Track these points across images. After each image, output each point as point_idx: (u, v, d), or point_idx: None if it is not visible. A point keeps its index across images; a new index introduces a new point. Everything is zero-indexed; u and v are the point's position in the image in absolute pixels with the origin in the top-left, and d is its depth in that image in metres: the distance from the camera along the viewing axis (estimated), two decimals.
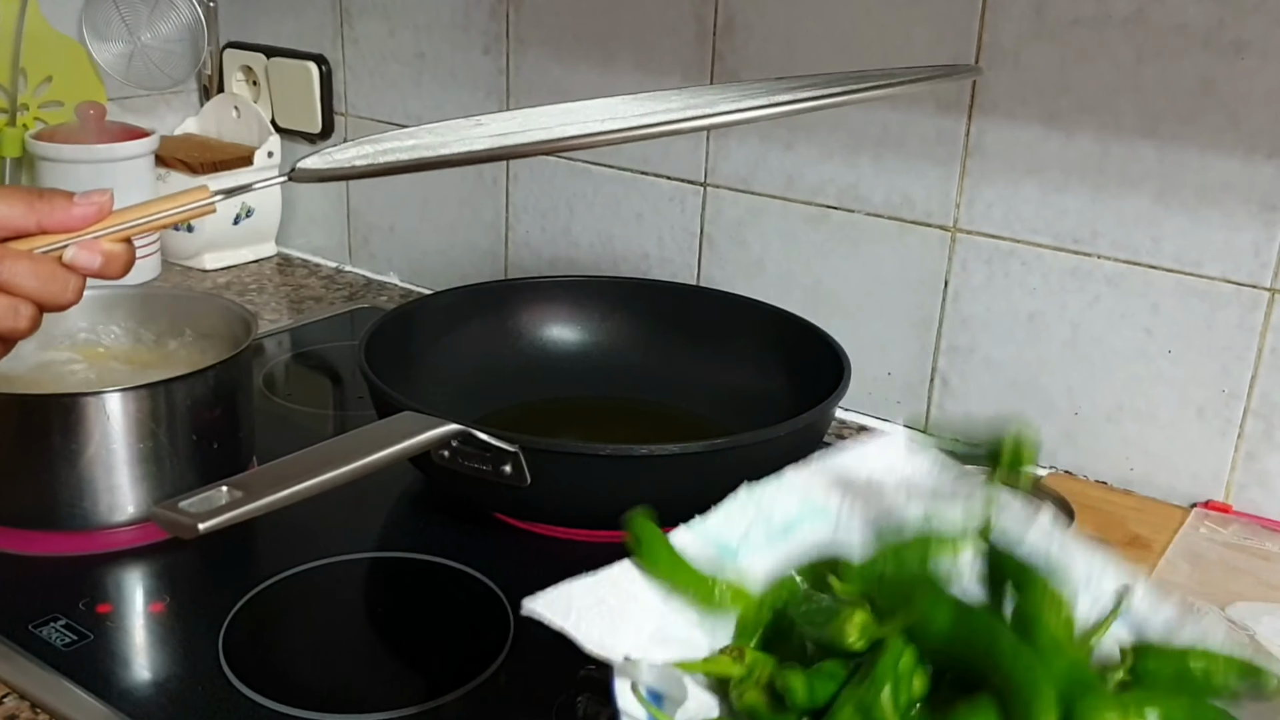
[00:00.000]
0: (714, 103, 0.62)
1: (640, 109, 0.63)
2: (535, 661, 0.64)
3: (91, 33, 1.22)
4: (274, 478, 0.57)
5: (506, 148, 0.57)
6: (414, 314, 0.90)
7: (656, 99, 0.67)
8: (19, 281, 0.52)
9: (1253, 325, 0.80)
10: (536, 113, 0.67)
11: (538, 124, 0.63)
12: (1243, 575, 0.74)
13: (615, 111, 0.65)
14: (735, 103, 0.61)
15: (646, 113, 0.61)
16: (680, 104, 0.63)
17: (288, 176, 0.58)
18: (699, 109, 0.59)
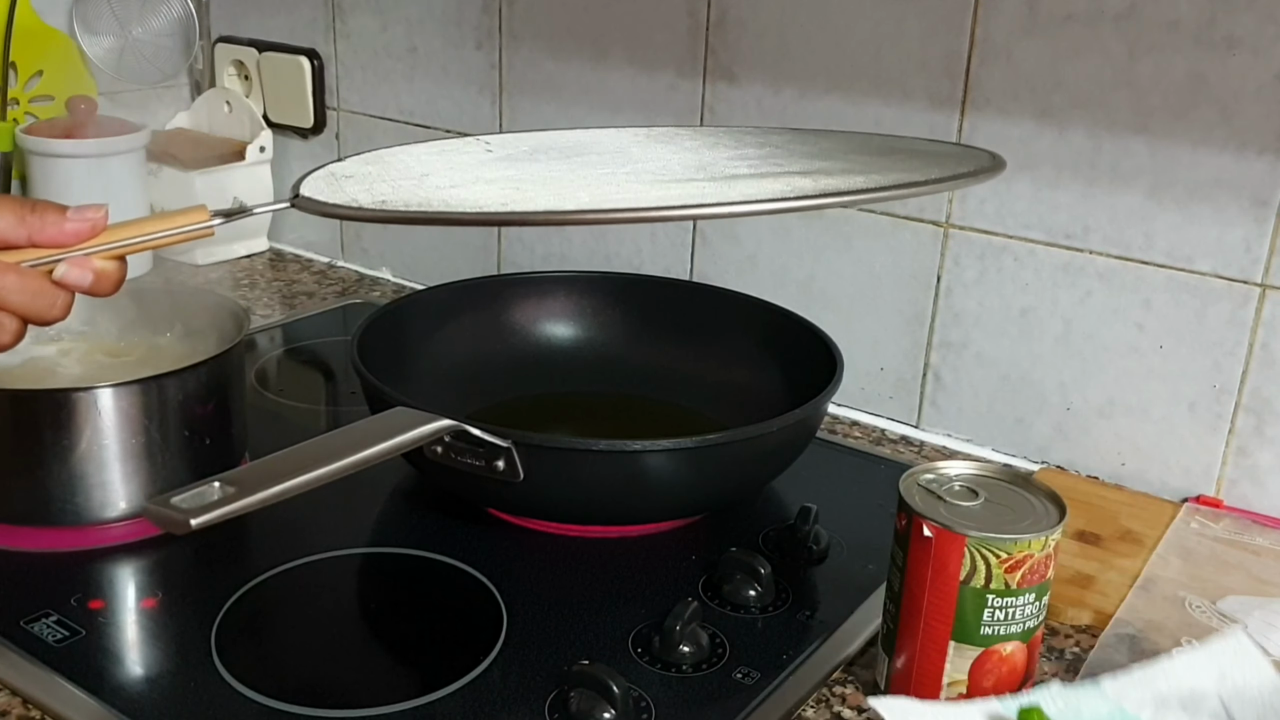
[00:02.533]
0: (732, 163, 0.61)
1: (654, 157, 0.62)
2: (528, 657, 0.64)
3: (82, 26, 1.22)
4: (266, 473, 0.57)
5: (517, 214, 0.54)
6: (407, 309, 0.90)
7: (668, 141, 0.66)
8: (5, 296, 0.51)
9: (1244, 321, 0.80)
10: (547, 138, 0.66)
11: (550, 158, 0.62)
12: (1234, 569, 0.74)
13: (628, 153, 0.63)
14: (755, 166, 0.60)
15: (660, 169, 0.60)
16: (694, 160, 0.62)
17: (290, 203, 0.57)
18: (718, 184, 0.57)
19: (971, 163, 0.61)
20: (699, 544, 0.76)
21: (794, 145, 0.66)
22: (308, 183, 0.59)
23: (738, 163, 0.61)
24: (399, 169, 0.61)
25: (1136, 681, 0.59)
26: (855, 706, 0.62)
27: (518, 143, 0.66)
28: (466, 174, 0.60)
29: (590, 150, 0.65)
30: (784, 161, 0.61)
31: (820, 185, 0.56)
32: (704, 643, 0.64)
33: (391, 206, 0.55)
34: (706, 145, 0.66)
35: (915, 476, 0.62)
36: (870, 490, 0.85)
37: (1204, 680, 0.58)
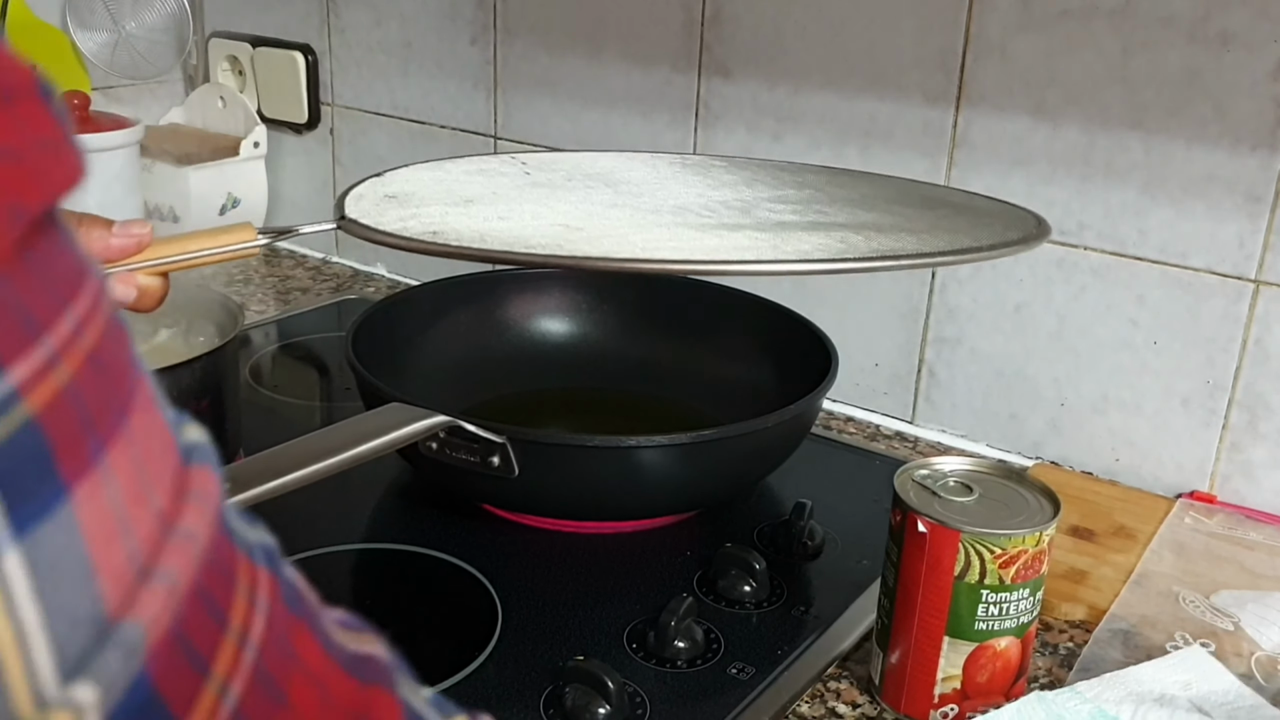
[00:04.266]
0: (775, 207, 0.60)
1: (694, 192, 0.62)
2: (523, 653, 0.64)
3: (75, 21, 1.22)
4: (260, 469, 0.57)
5: (574, 258, 0.54)
6: (401, 305, 0.90)
7: (704, 173, 0.65)
8: None
9: (1237, 316, 0.80)
10: (583, 161, 0.66)
11: (587, 186, 0.61)
12: (1227, 564, 0.74)
13: (667, 186, 0.63)
14: (800, 213, 0.59)
15: (704, 208, 0.60)
16: (735, 197, 0.62)
17: (336, 225, 0.57)
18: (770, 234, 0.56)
19: (1016, 223, 0.61)
20: (694, 540, 0.76)
21: (832, 189, 0.66)
22: (351, 201, 0.58)
23: (780, 207, 0.61)
24: (441, 191, 0.60)
25: (1109, 683, 0.59)
26: (850, 702, 0.62)
27: (554, 165, 0.66)
28: (512, 204, 0.59)
29: (626, 179, 0.64)
30: (827, 209, 0.61)
31: (875, 245, 0.56)
32: (699, 638, 0.65)
33: (444, 239, 0.54)
34: (744, 181, 0.66)
35: (910, 472, 0.62)
36: (865, 486, 0.85)
37: (1171, 688, 0.59)
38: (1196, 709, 0.58)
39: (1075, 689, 0.59)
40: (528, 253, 0.54)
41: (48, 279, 0.21)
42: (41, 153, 0.21)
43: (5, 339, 0.20)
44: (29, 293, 0.20)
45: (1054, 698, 0.58)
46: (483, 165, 0.65)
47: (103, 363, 0.22)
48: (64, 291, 0.21)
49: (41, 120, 0.22)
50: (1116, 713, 0.58)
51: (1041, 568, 0.58)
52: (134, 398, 0.23)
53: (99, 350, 0.22)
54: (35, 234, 0.21)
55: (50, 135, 0.22)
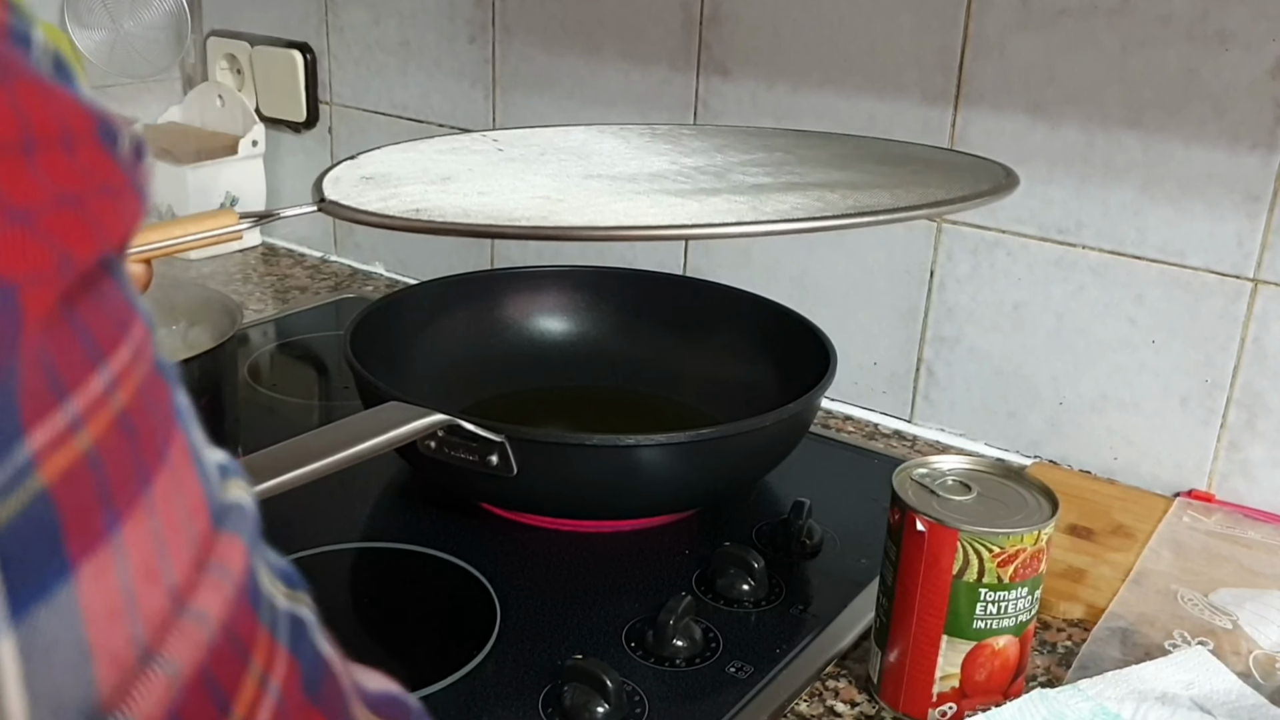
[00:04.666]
0: (748, 170, 0.61)
1: (667, 160, 0.62)
2: (522, 651, 0.64)
3: (73, 19, 1.21)
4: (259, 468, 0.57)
5: (560, 229, 0.54)
6: (400, 304, 0.90)
7: (674, 141, 0.65)
8: None
9: (1236, 315, 0.80)
10: (554, 136, 0.66)
11: (561, 158, 0.61)
12: (1225, 562, 0.74)
13: (641, 157, 0.63)
14: (773, 174, 0.60)
15: (679, 174, 0.60)
16: (708, 164, 0.62)
17: (316, 207, 0.56)
18: (748, 197, 0.57)
19: (986, 175, 0.61)
20: (692, 539, 0.76)
21: (801, 150, 0.66)
22: (329, 185, 0.58)
23: (754, 170, 0.61)
24: (417, 170, 0.60)
25: (1111, 681, 0.60)
26: (848, 701, 0.62)
27: (525, 140, 0.66)
28: (490, 179, 0.59)
29: (598, 150, 0.64)
30: (800, 170, 0.61)
31: (852, 202, 0.56)
32: (697, 637, 0.64)
33: (428, 216, 0.54)
34: (714, 147, 0.66)
35: (908, 471, 0.62)
36: (863, 485, 0.85)
37: (1173, 687, 0.59)
38: (1198, 708, 0.58)
39: (1077, 686, 0.59)
40: (514, 225, 0.54)
41: (87, 335, 0.20)
42: (100, 200, 0.21)
43: (29, 402, 0.19)
44: (63, 352, 0.19)
45: (1055, 695, 0.59)
46: (454, 144, 0.65)
47: (133, 423, 0.21)
48: (103, 345, 0.20)
49: (102, 166, 0.21)
50: (1118, 710, 0.58)
51: (1040, 566, 0.58)
52: (164, 457, 0.22)
53: (131, 408, 0.21)
54: (83, 287, 0.20)
55: (111, 181, 0.21)
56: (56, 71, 0.22)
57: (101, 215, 0.21)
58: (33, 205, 0.19)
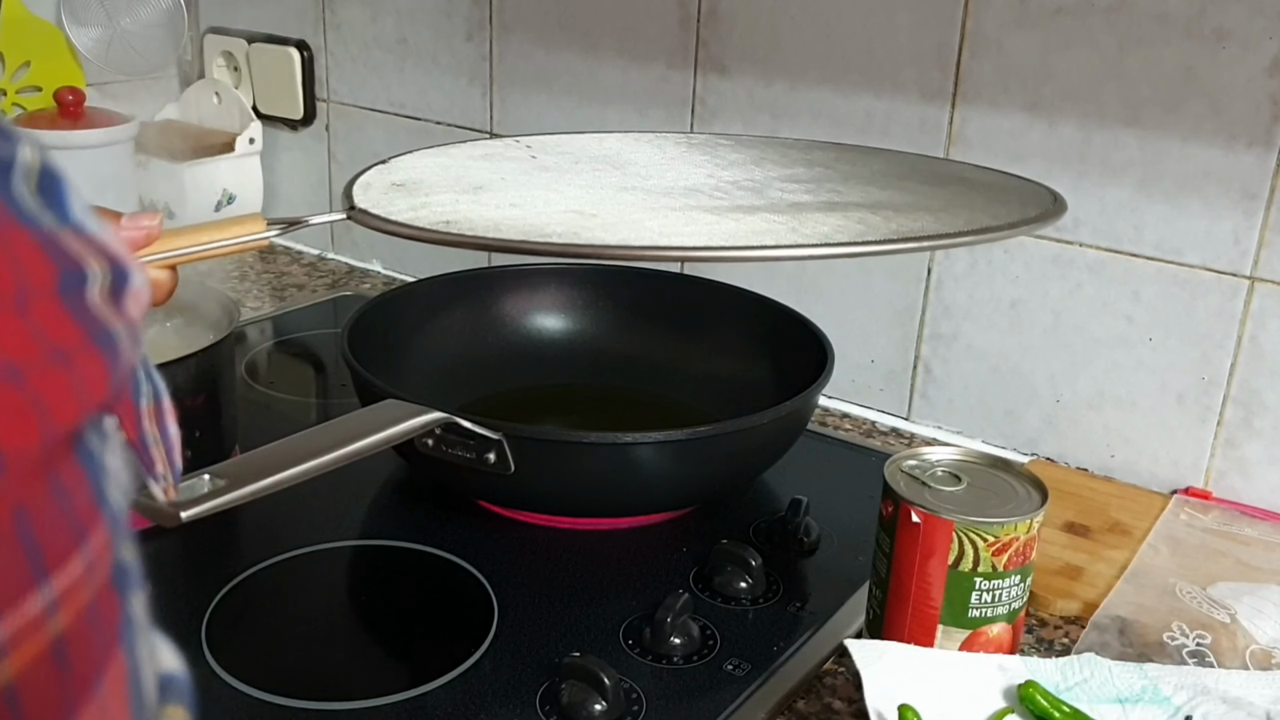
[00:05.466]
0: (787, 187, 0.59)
1: (703, 173, 0.61)
2: (519, 649, 0.64)
3: (70, 17, 1.21)
4: (256, 466, 0.57)
5: (593, 247, 0.52)
6: (397, 301, 0.90)
7: (710, 152, 0.64)
8: None
9: (1232, 313, 0.80)
10: (588, 144, 0.65)
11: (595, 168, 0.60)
12: (1222, 558, 0.74)
13: (676, 168, 0.62)
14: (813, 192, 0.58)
15: (715, 189, 0.58)
16: (745, 177, 0.61)
17: (346, 215, 0.56)
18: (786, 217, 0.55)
19: (1032, 199, 0.59)
20: (690, 536, 0.76)
21: (842, 166, 0.65)
22: (359, 191, 0.57)
23: (793, 186, 0.60)
24: (449, 178, 0.59)
25: (1178, 672, 0.59)
26: (846, 698, 0.62)
27: (559, 148, 0.65)
28: (522, 190, 0.59)
29: (633, 160, 0.63)
30: (840, 188, 0.60)
31: (895, 226, 0.54)
32: (695, 634, 0.65)
33: (458, 229, 0.53)
34: (752, 160, 0.65)
35: (899, 463, 0.62)
36: (861, 482, 0.85)
37: (1257, 697, 0.58)
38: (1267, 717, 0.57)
39: (1140, 666, 0.59)
40: (545, 243, 0.53)
41: (32, 549, 0.18)
42: (46, 373, 0.18)
43: (6, 581, 0.17)
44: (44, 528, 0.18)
45: (1112, 663, 0.59)
46: (488, 150, 0.65)
47: (66, 653, 0.19)
48: (47, 561, 0.18)
49: (56, 327, 0.19)
50: (1170, 695, 0.58)
51: (1031, 554, 0.59)
52: (94, 691, 0.20)
53: (70, 634, 0.19)
54: (28, 491, 0.18)
55: (64, 344, 0.19)
56: (43, 194, 0.20)
57: (49, 392, 0.18)
58: None
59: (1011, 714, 0.56)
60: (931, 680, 0.57)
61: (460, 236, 0.53)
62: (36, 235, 0.19)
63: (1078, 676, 0.58)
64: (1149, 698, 0.57)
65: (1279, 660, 0.65)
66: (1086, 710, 0.56)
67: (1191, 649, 0.65)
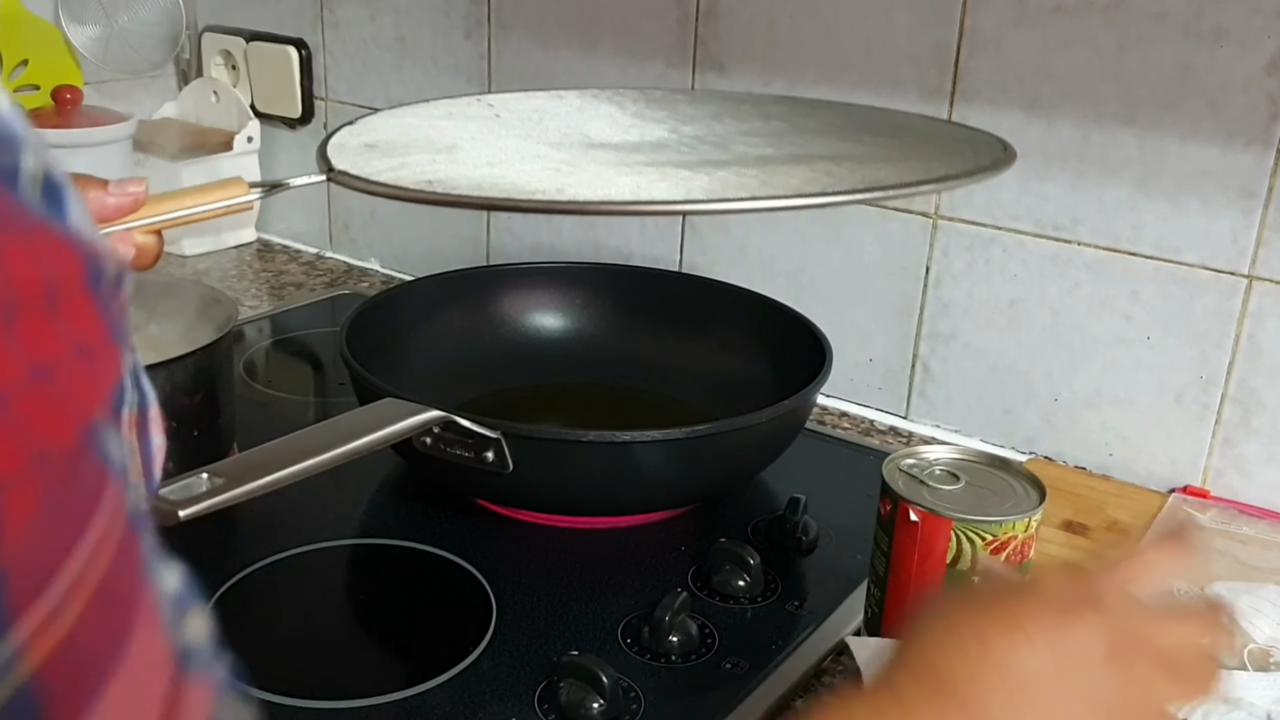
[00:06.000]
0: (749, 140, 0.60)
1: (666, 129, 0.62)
2: (517, 647, 0.64)
3: (68, 15, 1.21)
4: (255, 464, 0.57)
5: (575, 203, 0.54)
6: (395, 300, 0.90)
7: (669, 107, 0.65)
8: None
9: (1230, 312, 0.80)
10: (548, 102, 0.66)
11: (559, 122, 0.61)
12: (1220, 557, 0.74)
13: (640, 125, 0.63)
14: (775, 145, 0.60)
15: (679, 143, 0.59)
16: (708, 133, 0.62)
17: (326, 177, 0.56)
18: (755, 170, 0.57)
19: (984, 148, 0.62)
20: (688, 535, 0.76)
21: (797, 119, 0.66)
22: (333, 152, 0.58)
23: (755, 140, 0.61)
24: (420, 137, 0.60)
25: None
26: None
27: (520, 105, 0.66)
28: (495, 148, 0.59)
29: (595, 115, 0.64)
30: (800, 141, 0.61)
31: (859, 177, 0.56)
32: (693, 633, 0.65)
33: (441, 188, 0.54)
34: (710, 115, 0.65)
35: (897, 462, 0.62)
36: (859, 481, 0.85)
37: (1257, 698, 0.58)
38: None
39: None
40: (529, 200, 0.53)
41: (66, 514, 0.19)
42: (75, 367, 0.19)
43: (14, 597, 0.18)
44: (44, 539, 0.19)
45: None
46: (450, 109, 0.65)
47: (108, 594, 0.20)
48: (81, 519, 0.20)
49: (83, 320, 0.20)
50: None
51: (1029, 553, 0.59)
52: (135, 622, 0.21)
53: (107, 578, 0.20)
54: (60, 472, 0.19)
55: (89, 338, 0.20)
56: (46, 199, 0.21)
57: (75, 386, 0.20)
58: (7, 388, 0.18)
59: None
60: None
61: (444, 196, 0.54)
62: (58, 232, 0.20)
63: None
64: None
65: (1276, 659, 0.65)
66: None
67: None
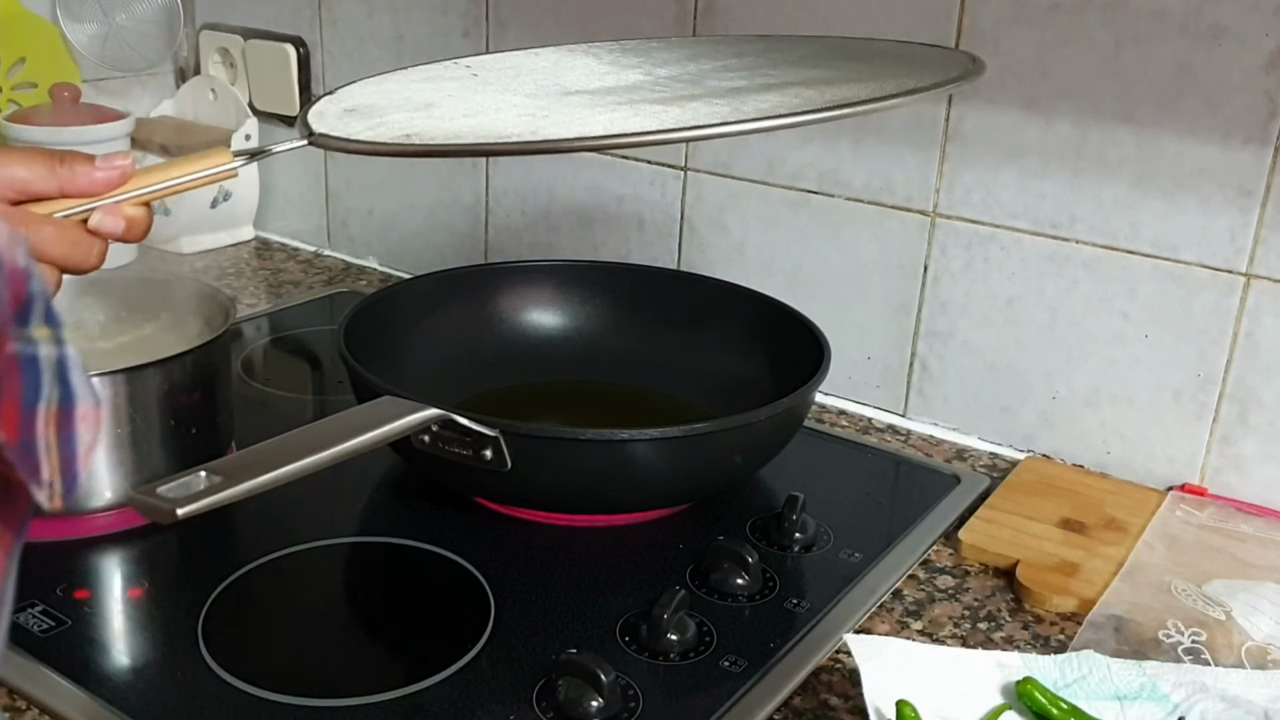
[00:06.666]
0: (723, 75, 0.61)
1: (641, 73, 0.62)
2: (516, 646, 0.64)
3: (66, 13, 1.21)
4: (253, 463, 0.57)
5: (549, 141, 0.54)
6: (393, 298, 0.90)
7: (645, 55, 0.66)
8: (45, 248, 0.51)
9: (1228, 310, 0.80)
10: (523, 59, 0.66)
11: (536, 77, 0.61)
12: (1218, 555, 0.74)
13: (616, 72, 0.63)
14: (748, 78, 0.60)
15: (656, 84, 0.60)
16: (682, 73, 0.62)
17: (307, 141, 0.57)
18: (727, 99, 0.57)
19: (953, 64, 0.63)
20: (686, 533, 0.76)
21: (771, 54, 0.67)
22: (314, 118, 0.58)
23: (728, 74, 0.62)
24: (398, 100, 0.61)
25: (1177, 670, 0.59)
26: (842, 694, 0.62)
27: (498, 64, 0.67)
28: (472, 102, 0.60)
29: (573, 68, 0.65)
30: (773, 72, 0.62)
31: (830, 96, 0.56)
32: (691, 631, 0.65)
33: (419, 140, 0.54)
34: (685, 57, 0.66)
35: None
36: (857, 479, 0.85)
37: (1255, 696, 0.58)
38: (1267, 718, 0.57)
39: (1139, 663, 0.59)
40: (505, 142, 0.54)
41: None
42: None
43: None
44: None
45: (1110, 660, 0.59)
46: (429, 73, 0.66)
47: None
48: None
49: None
50: (1168, 693, 0.58)
51: None
52: None
53: None
54: None
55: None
56: None
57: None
58: None
59: (1009, 710, 0.56)
60: (930, 676, 0.57)
61: (422, 146, 0.54)
62: None
63: (1076, 673, 0.58)
64: (1147, 695, 0.58)
65: (1274, 657, 0.65)
66: (1084, 707, 0.56)
67: (1187, 646, 0.66)
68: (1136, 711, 0.57)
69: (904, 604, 0.70)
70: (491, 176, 1.15)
